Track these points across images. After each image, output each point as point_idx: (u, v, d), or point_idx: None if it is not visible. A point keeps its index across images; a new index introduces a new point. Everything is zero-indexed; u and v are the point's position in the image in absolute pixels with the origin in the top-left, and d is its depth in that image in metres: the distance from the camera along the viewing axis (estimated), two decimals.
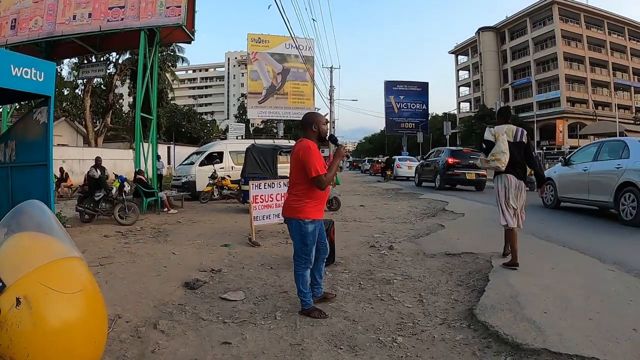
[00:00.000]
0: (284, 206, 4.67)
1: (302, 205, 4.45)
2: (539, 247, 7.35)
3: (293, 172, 4.55)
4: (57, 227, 2.94)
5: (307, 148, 4.40)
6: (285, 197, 4.76)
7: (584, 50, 65.99)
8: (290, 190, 4.60)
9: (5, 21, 15.12)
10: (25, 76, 8.47)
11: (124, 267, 6.59)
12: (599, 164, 10.85)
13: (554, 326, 3.83)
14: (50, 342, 2.34)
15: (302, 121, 4.73)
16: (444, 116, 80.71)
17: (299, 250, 4.55)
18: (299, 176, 4.45)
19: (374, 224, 11.02)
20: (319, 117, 4.77)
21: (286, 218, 4.62)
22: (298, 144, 4.55)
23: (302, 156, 4.37)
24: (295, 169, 4.49)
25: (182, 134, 57.66)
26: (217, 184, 17.19)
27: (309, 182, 4.39)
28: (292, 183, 4.60)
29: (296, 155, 4.45)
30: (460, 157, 20.61)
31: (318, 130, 4.56)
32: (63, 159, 25.59)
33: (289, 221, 4.56)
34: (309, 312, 4.55)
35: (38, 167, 9.66)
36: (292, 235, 4.60)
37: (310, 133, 4.56)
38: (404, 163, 32.51)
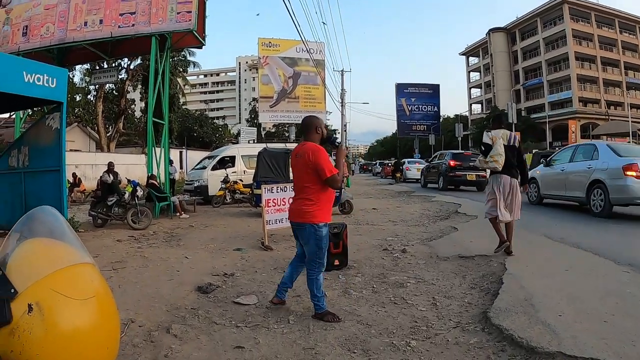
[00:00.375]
0: (292, 212, 4.62)
1: (315, 210, 4.43)
2: (553, 249, 7.30)
3: (302, 176, 4.50)
4: (69, 233, 2.94)
5: (317, 150, 4.40)
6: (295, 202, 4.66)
7: (596, 49, 65.59)
8: (299, 195, 4.55)
9: (17, 28, 15.24)
10: (38, 82, 8.54)
11: (136, 272, 6.61)
12: (574, 164, 12.58)
13: (568, 329, 3.80)
14: (62, 349, 2.34)
15: (305, 124, 4.70)
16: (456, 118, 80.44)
17: (313, 254, 4.52)
18: (309, 179, 4.42)
19: (387, 227, 10.99)
20: (320, 120, 4.80)
21: (297, 224, 4.56)
22: (303, 147, 4.52)
23: (313, 158, 4.35)
24: (305, 172, 4.45)
25: (194, 138, 57.87)
26: (229, 188, 17.22)
27: (320, 185, 4.40)
28: (300, 187, 4.56)
29: (306, 158, 4.41)
30: (462, 159, 22.16)
31: (321, 133, 4.62)
32: (76, 164, 25.76)
33: (301, 226, 4.51)
34: (322, 315, 4.52)
35: (51, 173, 9.73)
36: (305, 240, 4.55)
37: (314, 136, 4.58)
38: (413, 166, 34.00)
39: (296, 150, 4.63)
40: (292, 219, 4.63)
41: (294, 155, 4.64)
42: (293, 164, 4.70)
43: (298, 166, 4.55)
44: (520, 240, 8.05)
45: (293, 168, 4.72)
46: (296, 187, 4.65)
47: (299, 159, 4.50)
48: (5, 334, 2.26)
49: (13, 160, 10.76)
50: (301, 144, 4.61)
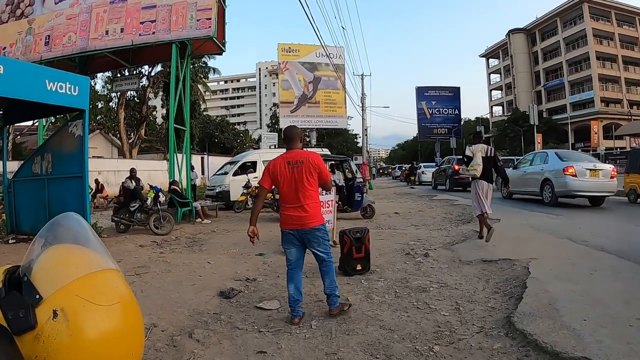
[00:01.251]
0: (305, 218, 4.62)
1: (320, 210, 4.81)
2: (577, 252, 7.21)
3: (308, 181, 4.61)
4: (93, 239, 2.96)
5: (318, 155, 4.77)
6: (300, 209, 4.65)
7: (617, 48, 64.83)
8: (304, 201, 4.60)
9: (40, 38, 15.50)
10: (60, 90, 8.66)
11: (159, 277, 6.65)
12: (532, 167, 16.43)
13: (593, 333, 3.74)
14: (87, 355, 2.34)
15: (292, 134, 4.83)
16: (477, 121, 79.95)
17: (329, 249, 4.80)
18: (314, 183, 4.65)
19: (409, 231, 10.95)
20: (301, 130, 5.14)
21: (313, 228, 4.65)
22: (301, 154, 4.71)
23: (318, 162, 4.65)
24: (310, 177, 4.61)
25: (215, 144, 58.21)
26: (251, 194, 17.25)
27: (317, 187, 4.74)
28: (303, 194, 4.62)
29: (310, 163, 4.60)
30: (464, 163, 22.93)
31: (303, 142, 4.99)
32: (98, 171, 26.07)
33: (316, 230, 4.65)
34: (342, 307, 4.83)
35: (74, 179, 9.85)
36: (319, 241, 4.70)
37: (299, 144, 4.84)
38: (428, 170, 36.51)
39: (287, 159, 4.70)
40: (302, 226, 4.64)
41: (284, 164, 4.67)
42: (285, 173, 4.66)
43: (298, 173, 4.61)
44: (543, 243, 8.01)
45: (285, 178, 4.66)
46: (295, 194, 4.64)
47: (300, 166, 4.60)
48: (30, 340, 2.27)
49: (36, 167, 10.91)
50: (293, 152, 4.75)
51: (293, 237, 4.71)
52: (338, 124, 51.68)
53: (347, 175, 13.92)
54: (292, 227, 4.68)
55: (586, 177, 14.12)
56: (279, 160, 4.75)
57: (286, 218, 4.73)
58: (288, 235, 4.74)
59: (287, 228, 4.72)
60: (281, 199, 4.80)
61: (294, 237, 4.71)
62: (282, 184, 4.68)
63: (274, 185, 4.80)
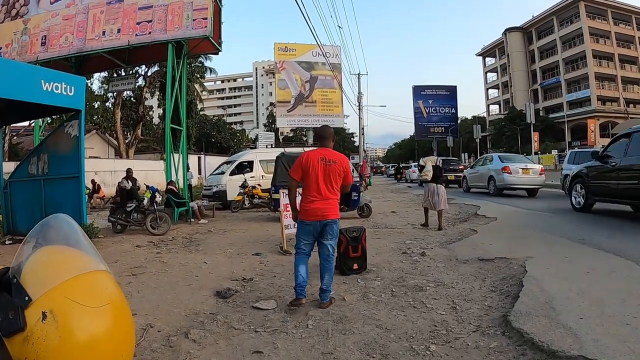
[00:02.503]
0: (327, 210, 4.99)
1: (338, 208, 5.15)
2: (573, 251, 7.19)
3: (335, 180, 5.02)
4: (83, 241, 2.94)
5: (348, 161, 5.17)
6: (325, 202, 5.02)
7: (613, 47, 65.11)
8: (329, 196, 5.00)
9: (36, 38, 15.49)
10: (56, 91, 8.65)
11: (155, 277, 6.64)
12: (482, 167, 21.15)
13: (590, 332, 3.73)
14: (76, 357, 2.32)
15: (326, 133, 5.28)
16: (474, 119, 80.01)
17: (335, 244, 5.23)
18: (339, 182, 5.06)
19: (406, 230, 10.95)
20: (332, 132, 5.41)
21: (332, 221, 5.05)
22: (334, 154, 5.10)
23: (347, 166, 5.07)
24: (339, 177, 5.03)
25: (212, 144, 58.22)
26: (247, 193, 17.28)
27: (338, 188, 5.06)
28: (330, 189, 5.02)
29: (341, 165, 5.03)
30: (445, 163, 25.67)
31: (334, 142, 5.33)
32: (95, 171, 26.04)
33: (334, 222, 5.08)
34: (331, 301, 5.09)
35: (70, 179, 9.85)
36: (334, 234, 5.14)
37: (332, 143, 5.25)
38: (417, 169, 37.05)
39: (323, 155, 5.05)
40: (325, 218, 5.00)
41: (319, 159, 5.01)
42: (320, 168, 4.98)
43: (332, 170, 4.99)
44: (540, 242, 8.01)
45: (319, 172, 4.98)
46: (323, 188, 4.99)
47: (334, 165, 5.00)
48: (19, 342, 2.26)
49: (33, 167, 10.90)
50: (327, 150, 5.13)
51: (314, 228, 5.04)
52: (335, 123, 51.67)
53: None
54: (314, 219, 4.99)
55: (519, 174, 18.31)
56: (313, 155, 5.07)
57: (311, 209, 5.00)
58: (308, 226, 5.05)
59: (309, 219, 5.02)
60: (306, 192, 5.06)
61: (315, 228, 5.03)
62: (312, 177, 4.99)
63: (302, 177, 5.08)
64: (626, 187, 9.96)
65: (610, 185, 10.62)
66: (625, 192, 10.03)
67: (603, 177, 10.94)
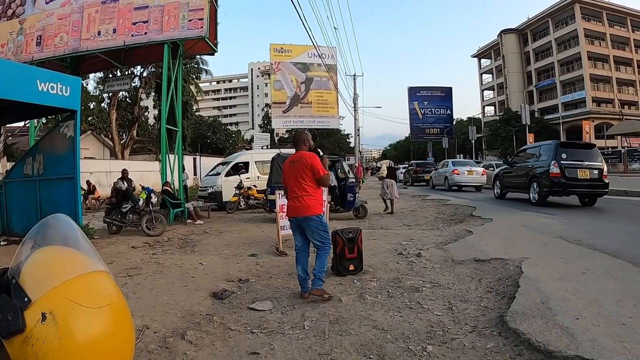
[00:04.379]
0: (297, 208, 5.40)
1: (316, 204, 5.38)
2: (569, 251, 7.21)
3: (302, 177, 5.37)
4: (83, 241, 2.93)
5: (313, 155, 5.46)
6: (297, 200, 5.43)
7: (608, 48, 65.22)
8: (300, 193, 5.38)
9: (31, 38, 15.43)
10: (52, 91, 8.63)
11: (151, 278, 6.61)
12: (442, 169, 27.74)
13: (586, 332, 3.74)
14: (76, 358, 2.32)
15: (296, 139, 5.79)
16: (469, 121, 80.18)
17: (322, 239, 5.40)
18: (308, 179, 5.36)
19: (402, 231, 10.96)
20: (308, 135, 5.86)
21: (305, 217, 5.36)
22: (299, 154, 5.53)
23: (310, 160, 5.35)
24: (304, 173, 5.36)
25: (207, 144, 58.14)
26: (243, 194, 17.29)
27: (315, 184, 5.40)
28: (299, 187, 5.40)
29: (303, 161, 5.38)
30: (422, 165, 38.14)
31: (309, 145, 5.69)
32: (90, 172, 25.96)
33: (309, 219, 5.35)
34: (322, 292, 5.30)
35: (65, 180, 9.81)
36: (312, 230, 5.37)
37: (304, 147, 5.65)
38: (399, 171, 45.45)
39: (291, 158, 5.62)
40: (297, 215, 5.42)
41: (289, 163, 5.60)
42: (289, 170, 5.56)
43: (296, 170, 5.43)
44: (536, 243, 8.03)
45: (288, 174, 5.55)
46: (294, 188, 5.46)
47: (297, 164, 5.43)
48: (18, 343, 2.25)
49: (28, 168, 10.87)
50: (297, 154, 5.59)
51: (294, 224, 5.53)
52: (330, 124, 51.80)
53: (340, 176, 13.93)
54: (291, 215, 5.51)
55: (465, 175, 25.17)
56: (287, 160, 5.72)
57: (288, 208, 5.63)
58: (291, 222, 5.60)
59: (289, 216, 5.58)
60: (287, 193, 5.67)
61: (295, 224, 5.52)
62: (286, 180, 5.62)
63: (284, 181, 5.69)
64: (518, 182, 16.38)
65: (512, 181, 17.13)
66: (518, 185, 16.51)
67: (509, 176, 17.45)
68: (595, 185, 13.94)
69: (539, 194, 14.52)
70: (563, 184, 13.69)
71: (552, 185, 13.85)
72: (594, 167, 13.88)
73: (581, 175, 13.73)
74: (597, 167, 13.88)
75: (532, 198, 14.85)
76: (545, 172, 14.08)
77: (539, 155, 15.23)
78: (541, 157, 14.94)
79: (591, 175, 13.80)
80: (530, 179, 15.10)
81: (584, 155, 14.27)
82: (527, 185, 15.22)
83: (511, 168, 17.20)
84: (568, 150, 14.36)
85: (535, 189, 14.75)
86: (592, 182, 13.88)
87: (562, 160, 13.85)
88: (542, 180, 14.34)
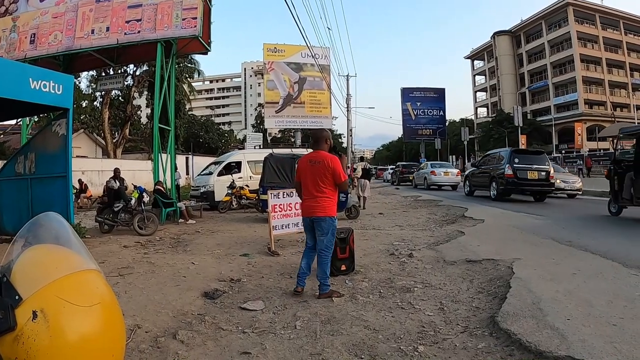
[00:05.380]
0: (313, 208, 5.43)
1: (332, 205, 5.46)
2: (560, 252, 7.27)
3: (321, 179, 5.38)
4: (74, 240, 2.93)
5: (335, 158, 5.45)
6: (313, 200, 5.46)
7: (601, 51, 65.65)
8: (318, 194, 5.40)
9: (25, 36, 15.36)
10: (44, 89, 8.58)
11: (143, 278, 6.60)
12: (422, 171, 31.09)
13: (577, 332, 3.77)
14: (67, 356, 2.31)
15: (317, 137, 5.75)
16: (462, 122, 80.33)
17: (329, 242, 5.46)
18: (327, 182, 5.38)
19: (394, 231, 10.98)
20: (329, 132, 5.86)
21: (319, 218, 5.41)
22: (320, 155, 5.48)
23: (332, 165, 5.35)
24: (324, 176, 5.36)
25: (200, 144, 58.03)
26: (235, 194, 17.25)
27: (334, 186, 5.44)
28: (317, 188, 5.41)
29: (325, 164, 5.35)
30: (407, 167, 40.03)
31: (329, 144, 5.64)
32: (82, 171, 25.87)
33: (322, 220, 5.40)
34: (329, 294, 5.39)
35: (57, 179, 9.76)
36: (324, 231, 5.41)
37: (324, 146, 5.59)
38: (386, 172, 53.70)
39: (310, 157, 5.59)
40: (312, 215, 5.46)
41: (307, 161, 5.57)
42: (307, 169, 5.51)
43: (316, 171, 5.41)
44: (527, 244, 8.07)
45: (307, 173, 5.52)
46: (310, 188, 5.46)
47: (318, 166, 5.40)
48: (9, 341, 2.24)
49: (20, 166, 10.80)
50: (316, 152, 5.57)
51: (308, 224, 5.61)
52: (323, 125, 51.67)
53: None
54: (306, 215, 5.59)
55: (441, 175, 28.29)
56: (304, 158, 5.74)
57: (303, 207, 5.67)
58: (304, 221, 5.69)
59: (303, 215, 5.70)
60: (302, 192, 5.65)
61: (308, 224, 5.59)
62: (303, 179, 5.59)
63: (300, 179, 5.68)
64: (482, 181, 19.74)
65: (478, 180, 20.48)
66: (482, 184, 19.80)
67: (476, 176, 20.89)
68: (542, 185, 17.07)
69: (497, 191, 17.86)
70: (515, 183, 16.91)
71: (507, 184, 17.11)
72: (542, 169, 17.02)
73: (531, 176, 16.87)
74: (545, 170, 17.02)
75: (492, 194, 18.18)
76: (502, 173, 17.34)
77: (498, 159, 18.44)
78: (499, 161, 18.14)
79: (539, 176, 16.95)
80: (491, 179, 18.46)
81: (534, 160, 17.43)
82: (489, 184, 18.58)
83: (477, 170, 20.88)
84: (520, 155, 17.74)
85: (494, 187, 18.08)
86: (540, 182, 16.99)
87: (515, 164, 17.02)
88: (499, 180, 17.66)
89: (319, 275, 5.42)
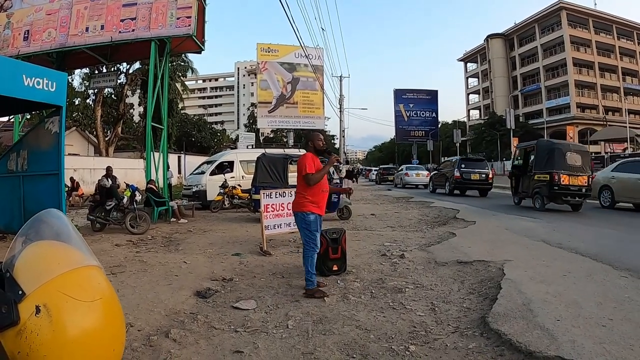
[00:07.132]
0: (294, 203, 5.75)
1: (306, 202, 5.54)
2: (551, 254, 7.33)
3: (298, 177, 5.67)
4: (75, 236, 2.95)
5: (303, 156, 5.66)
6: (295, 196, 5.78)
7: (593, 55, 65.93)
8: (297, 191, 5.75)
9: (18, 32, 15.29)
10: (37, 86, 8.54)
11: (135, 276, 6.60)
12: (399, 172, 37.43)
13: (567, 333, 3.82)
14: (69, 351, 2.35)
15: (306, 139, 6.11)
16: (454, 124, 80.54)
17: (306, 238, 5.60)
18: (299, 178, 5.62)
19: (385, 232, 11.01)
20: (314, 135, 5.93)
21: (294, 213, 5.72)
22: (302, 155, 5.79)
23: (299, 160, 5.66)
24: (298, 175, 5.62)
25: (192, 143, 57.85)
26: (227, 193, 17.22)
27: (304, 182, 5.53)
28: (297, 185, 5.75)
29: (298, 162, 5.68)
30: (387, 169, 46.06)
31: (313, 146, 5.76)
32: (74, 169, 25.74)
33: (295, 215, 5.69)
34: (313, 292, 5.48)
35: (49, 177, 9.71)
36: (299, 227, 5.68)
37: (308, 148, 5.83)
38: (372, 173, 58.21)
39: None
40: (292, 210, 5.84)
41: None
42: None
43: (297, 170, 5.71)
44: (518, 246, 8.13)
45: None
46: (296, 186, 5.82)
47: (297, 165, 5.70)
48: (12, 336, 2.27)
49: (12, 163, 10.74)
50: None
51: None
52: (316, 125, 51.68)
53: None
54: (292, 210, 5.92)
55: (414, 177, 33.80)
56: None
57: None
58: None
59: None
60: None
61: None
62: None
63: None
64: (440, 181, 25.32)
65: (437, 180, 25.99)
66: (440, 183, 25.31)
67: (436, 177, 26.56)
68: (483, 184, 22.85)
69: (449, 188, 23.74)
70: (462, 182, 22.90)
71: (455, 184, 23.09)
72: (483, 172, 22.88)
73: (474, 177, 22.71)
74: (485, 173, 22.92)
75: (446, 191, 24.04)
76: (452, 175, 23.22)
77: (452, 164, 24.17)
78: (453, 166, 23.75)
79: (480, 177, 22.73)
80: (445, 179, 24.46)
81: (477, 165, 23.51)
82: (444, 183, 24.60)
83: (438, 172, 26.74)
84: (467, 162, 23.93)
85: (447, 186, 24.07)
86: (481, 182, 22.78)
87: (462, 168, 22.89)
88: (450, 180, 23.51)
89: (305, 270, 5.61)
